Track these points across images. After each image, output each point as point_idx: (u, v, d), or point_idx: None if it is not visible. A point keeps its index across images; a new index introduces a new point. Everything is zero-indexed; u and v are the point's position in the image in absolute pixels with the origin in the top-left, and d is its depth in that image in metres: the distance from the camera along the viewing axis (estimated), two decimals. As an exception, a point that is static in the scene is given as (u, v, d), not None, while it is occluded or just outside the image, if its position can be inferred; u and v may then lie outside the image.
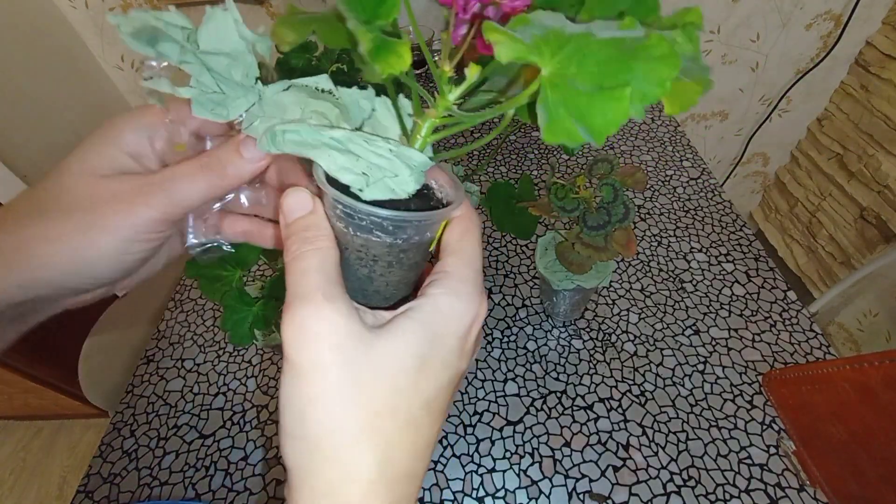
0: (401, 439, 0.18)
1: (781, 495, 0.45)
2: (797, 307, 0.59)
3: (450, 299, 0.20)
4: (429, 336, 0.19)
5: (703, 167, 0.79)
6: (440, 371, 0.19)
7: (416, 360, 0.18)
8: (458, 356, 0.20)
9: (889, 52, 1.10)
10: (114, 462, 0.51)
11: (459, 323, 0.20)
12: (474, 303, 0.20)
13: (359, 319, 0.18)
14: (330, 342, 0.17)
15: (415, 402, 0.18)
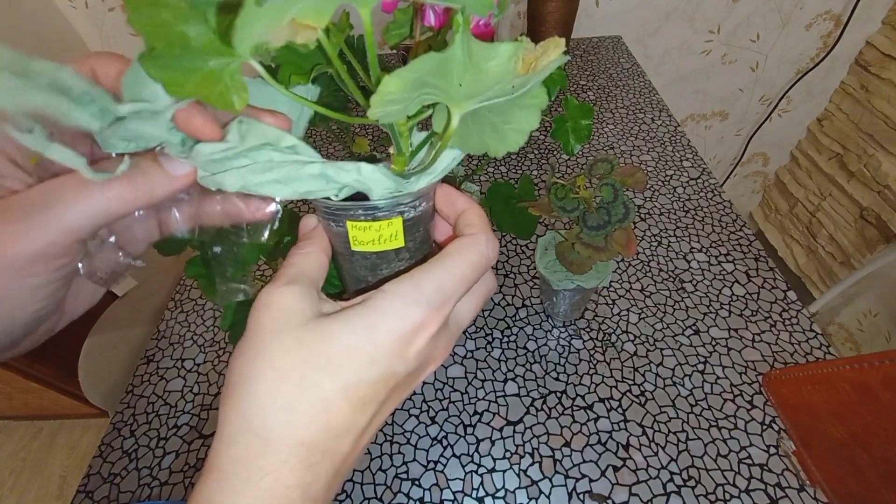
0: (306, 410, 0.19)
1: (781, 495, 0.45)
2: (797, 307, 0.59)
3: (393, 298, 0.20)
4: (362, 327, 0.19)
5: (703, 167, 0.79)
6: (365, 364, 0.19)
7: (341, 346, 0.19)
8: (391, 356, 0.20)
9: (889, 52, 1.10)
10: (114, 462, 0.51)
11: (398, 323, 0.20)
12: (419, 310, 0.20)
13: (310, 303, 0.20)
14: (273, 313, 0.20)
15: (328, 382, 0.19)
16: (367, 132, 0.94)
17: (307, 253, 0.23)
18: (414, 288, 0.20)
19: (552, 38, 0.18)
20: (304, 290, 0.21)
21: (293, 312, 0.20)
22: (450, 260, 0.21)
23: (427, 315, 0.20)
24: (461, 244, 0.22)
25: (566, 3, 0.91)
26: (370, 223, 0.22)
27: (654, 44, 1.18)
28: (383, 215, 0.22)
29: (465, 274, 0.21)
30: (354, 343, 0.19)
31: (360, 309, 0.20)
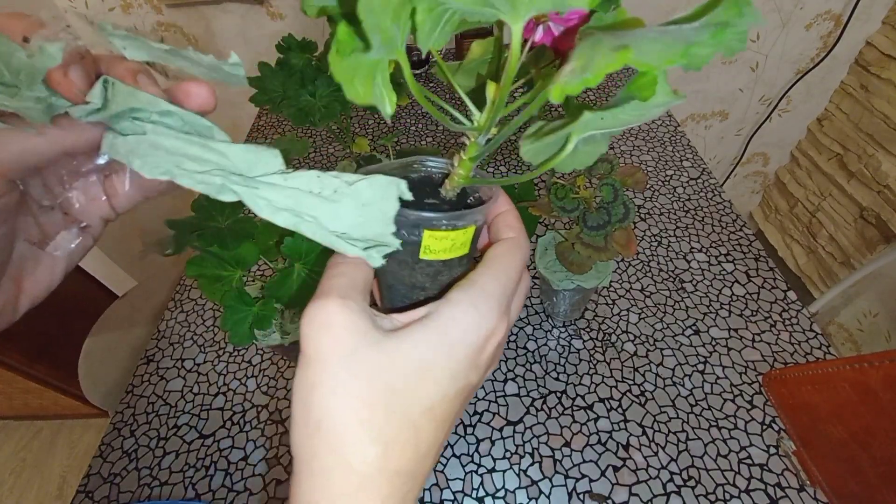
0: (398, 438, 0.18)
1: (781, 495, 0.45)
2: (797, 307, 0.59)
3: (467, 309, 0.19)
4: (438, 343, 0.19)
5: (703, 167, 0.79)
6: (447, 380, 0.19)
7: (420, 365, 0.18)
8: (468, 368, 0.19)
9: (889, 52, 1.10)
10: (114, 462, 0.51)
11: (474, 335, 0.19)
12: (492, 318, 0.20)
13: (370, 320, 0.19)
14: (335, 334, 0.18)
15: (414, 405, 0.18)
16: (366, 132, 0.94)
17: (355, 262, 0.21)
18: (484, 295, 0.20)
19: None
20: (361, 305, 0.19)
21: (359, 333, 0.18)
22: (504, 264, 0.21)
23: (497, 321, 0.20)
24: (509, 247, 0.22)
25: (566, 3, 0.91)
26: (449, 232, 0.22)
27: (654, 44, 1.18)
28: (463, 224, 0.22)
29: (517, 276, 0.22)
30: (435, 361, 0.19)
31: (434, 324, 0.19)
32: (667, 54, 0.14)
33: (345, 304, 0.19)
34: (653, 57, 0.14)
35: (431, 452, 0.19)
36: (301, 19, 1.11)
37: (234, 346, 0.61)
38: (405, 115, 0.97)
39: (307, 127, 0.95)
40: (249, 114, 1.30)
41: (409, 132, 0.93)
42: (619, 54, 0.14)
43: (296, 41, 0.58)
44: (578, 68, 0.15)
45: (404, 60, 0.17)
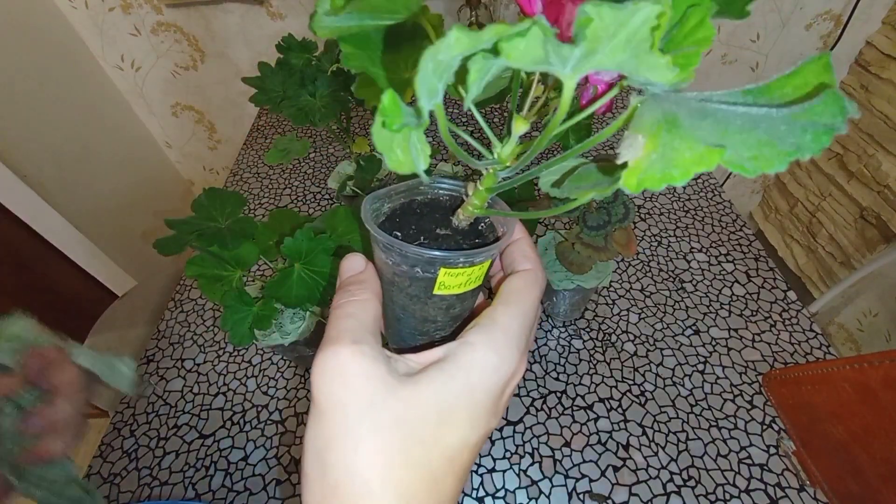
0: (418, 492, 0.17)
1: (781, 495, 0.45)
2: (797, 307, 0.59)
3: (488, 353, 0.18)
4: (459, 390, 0.18)
5: (703, 167, 0.79)
6: (467, 428, 0.18)
7: (441, 413, 0.17)
8: (488, 414, 0.19)
9: (889, 52, 1.10)
10: (114, 462, 0.51)
11: (494, 379, 0.18)
12: (513, 361, 0.19)
13: (386, 365, 0.18)
14: (351, 383, 0.17)
15: (436, 455, 0.17)
16: (366, 132, 0.94)
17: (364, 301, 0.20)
18: (504, 337, 0.19)
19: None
20: (375, 349, 0.18)
21: (375, 380, 0.17)
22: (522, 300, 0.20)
23: (518, 363, 0.19)
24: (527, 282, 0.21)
25: (566, 3, 0.91)
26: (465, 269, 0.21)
27: (654, 44, 1.18)
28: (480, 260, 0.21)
29: (536, 312, 0.21)
30: (455, 409, 0.18)
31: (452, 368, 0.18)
32: (767, 158, 0.12)
33: (358, 349, 0.18)
34: (749, 162, 0.12)
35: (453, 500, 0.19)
36: (301, 19, 1.11)
37: (234, 346, 0.61)
38: (405, 115, 0.97)
39: (307, 127, 0.96)
40: (249, 114, 1.30)
41: (409, 132, 0.93)
42: (712, 154, 0.12)
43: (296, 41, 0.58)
44: (655, 157, 0.14)
45: (441, 114, 0.16)
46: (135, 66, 1.19)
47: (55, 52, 1.06)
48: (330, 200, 0.80)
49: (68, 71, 1.10)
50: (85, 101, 1.14)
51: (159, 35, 1.13)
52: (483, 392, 0.18)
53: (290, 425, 0.53)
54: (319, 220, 0.42)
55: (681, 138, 0.13)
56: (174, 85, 1.24)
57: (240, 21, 1.11)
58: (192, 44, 1.15)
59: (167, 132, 1.36)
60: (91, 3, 1.06)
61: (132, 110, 1.29)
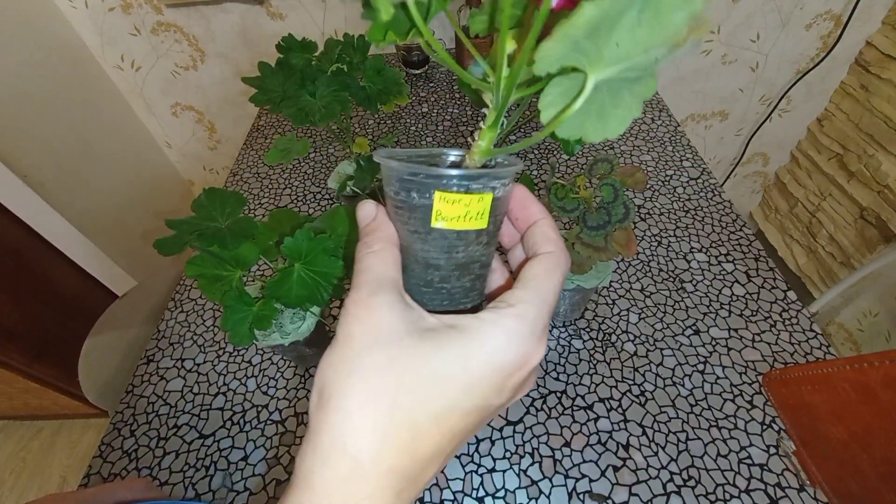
0: (397, 435, 0.18)
1: (781, 495, 0.45)
2: (797, 307, 0.59)
3: (495, 331, 0.19)
4: (456, 354, 0.19)
5: (703, 167, 0.79)
6: (459, 392, 0.19)
7: (435, 371, 0.18)
8: (491, 390, 0.19)
9: (889, 52, 1.10)
10: (114, 462, 0.51)
11: (499, 357, 0.19)
12: (527, 346, 0.19)
13: (401, 314, 0.19)
14: (363, 326, 0.19)
15: (419, 407, 0.18)
16: (366, 132, 0.94)
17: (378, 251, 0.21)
18: (517, 321, 0.19)
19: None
20: (392, 298, 0.20)
21: (385, 326, 0.19)
22: (543, 285, 0.21)
23: (533, 348, 0.20)
24: (549, 266, 0.21)
25: (566, 3, 0.91)
26: (461, 196, 0.20)
27: (654, 44, 1.18)
28: (477, 188, 0.21)
29: (556, 298, 0.21)
30: (448, 372, 0.18)
31: (459, 336, 0.19)
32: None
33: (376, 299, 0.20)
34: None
35: (434, 460, 0.19)
36: (301, 19, 1.11)
37: (234, 346, 0.61)
38: (405, 114, 0.97)
39: (307, 127, 0.95)
40: (250, 114, 1.30)
41: (409, 132, 0.93)
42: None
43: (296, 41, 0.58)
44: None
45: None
46: (135, 66, 1.19)
47: (55, 52, 1.06)
48: (330, 200, 0.80)
49: (68, 71, 1.10)
50: (85, 101, 1.14)
51: (159, 35, 1.13)
52: (482, 364, 0.19)
53: (290, 425, 0.53)
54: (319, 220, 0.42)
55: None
56: (174, 85, 1.24)
57: (240, 21, 1.11)
58: (192, 44, 1.15)
59: (167, 132, 1.36)
60: (91, 3, 1.06)
61: (132, 110, 1.29)
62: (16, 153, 0.96)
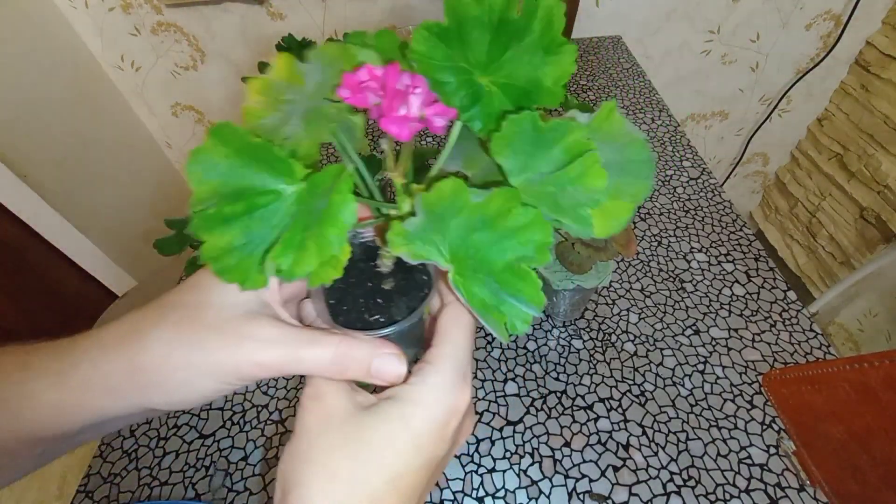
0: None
1: (781, 495, 0.45)
2: (797, 307, 0.59)
3: (426, 393, 0.21)
4: (397, 419, 0.21)
5: (703, 167, 0.79)
6: (410, 452, 0.20)
7: (383, 438, 0.20)
8: (433, 441, 0.21)
9: (889, 52, 1.10)
10: (114, 462, 0.51)
11: (433, 411, 0.21)
12: (453, 395, 0.21)
13: (347, 397, 0.21)
14: (314, 413, 0.21)
15: (375, 476, 0.19)
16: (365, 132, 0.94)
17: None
18: (439, 376, 0.22)
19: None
20: (338, 386, 0.22)
21: (335, 411, 0.21)
22: (453, 338, 0.23)
23: (456, 397, 0.22)
24: (453, 316, 0.23)
25: (566, 3, 0.91)
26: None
27: (654, 44, 1.18)
28: (409, 325, 0.24)
29: (469, 342, 0.23)
30: (396, 436, 0.20)
31: (396, 403, 0.21)
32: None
33: (324, 388, 0.21)
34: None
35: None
36: (301, 19, 1.11)
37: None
38: (405, 115, 0.97)
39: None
40: (249, 114, 1.30)
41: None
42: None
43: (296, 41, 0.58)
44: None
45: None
46: (135, 66, 1.19)
47: (55, 52, 1.06)
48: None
49: (68, 71, 1.10)
50: (85, 101, 1.14)
51: (159, 35, 1.13)
52: (422, 421, 0.21)
53: (290, 425, 0.53)
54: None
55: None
56: (174, 85, 1.24)
57: (240, 21, 1.11)
58: (192, 44, 1.15)
59: (167, 132, 1.36)
60: (91, 3, 1.06)
61: (132, 110, 1.29)
62: (16, 153, 0.95)
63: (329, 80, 0.21)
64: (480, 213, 0.19)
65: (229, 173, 0.19)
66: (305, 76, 0.21)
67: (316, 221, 0.18)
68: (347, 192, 0.18)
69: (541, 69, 0.21)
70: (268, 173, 0.19)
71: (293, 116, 0.21)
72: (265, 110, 0.21)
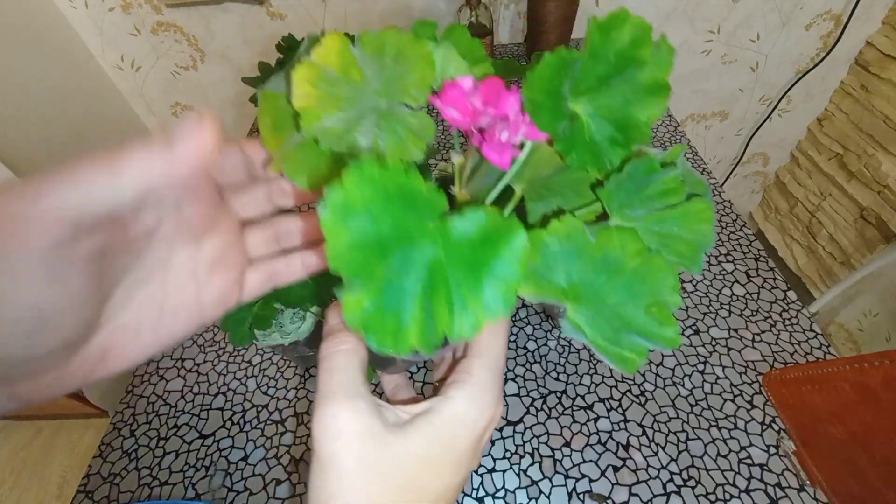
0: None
1: (781, 495, 0.45)
2: (797, 307, 0.59)
3: (467, 405, 0.20)
4: (443, 438, 0.20)
5: (703, 167, 0.79)
6: (451, 472, 0.20)
7: (427, 462, 0.19)
8: (469, 459, 0.21)
9: (889, 52, 1.10)
10: (114, 462, 0.51)
11: (474, 428, 0.20)
12: (490, 409, 0.21)
13: (378, 417, 0.19)
14: (348, 439, 0.19)
15: (422, 499, 0.19)
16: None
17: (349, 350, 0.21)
18: (480, 390, 0.21)
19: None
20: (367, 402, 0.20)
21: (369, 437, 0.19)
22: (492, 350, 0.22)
23: (494, 409, 0.21)
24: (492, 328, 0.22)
25: (566, 3, 0.91)
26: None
27: (654, 44, 1.18)
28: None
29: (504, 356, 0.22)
30: (439, 457, 0.19)
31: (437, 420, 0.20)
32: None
33: (354, 406, 0.19)
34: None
35: None
36: (301, 19, 1.11)
37: (234, 346, 0.61)
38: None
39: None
40: (250, 114, 1.30)
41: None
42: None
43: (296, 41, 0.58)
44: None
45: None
46: (135, 66, 1.19)
47: (55, 52, 1.06)
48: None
49: (68, 71, 1.10)
50: (85, 101, 1.14)
51: (159, 35, 1.13)
52: (464, 441, 0.20)
53: (290, 425, 0.53)
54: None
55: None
56: (174, 85, 1.24)
57: (240, 21, 1.11)
58: (192, 44, 1.15)
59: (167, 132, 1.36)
60: (91, 3, 1.06)
61: (132, 110, 1.29)
62: (15, 153, 0.96)
63: (402, 79, 0.18)
64: (602, 255, 0.18)
65: (371, 219, 0.15)
66: (363, 66, 0.18)
67: (474, 271, 0.16)
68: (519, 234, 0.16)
69: (637, 106, 0.20)
70: (412, 212, 0.16)
71: (362, 120, 0.18)
72: (322, 107, 0.18)
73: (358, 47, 0.18)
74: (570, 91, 0.20)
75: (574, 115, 0.20)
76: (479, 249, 0.16)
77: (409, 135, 0.18)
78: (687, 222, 0.19)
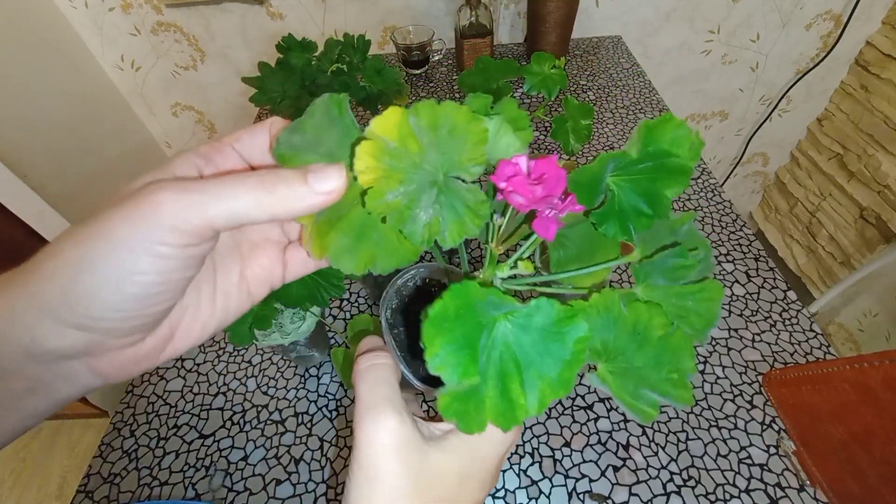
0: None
1: (781, 495, 0.45)
2: (797, 307, 0.59)
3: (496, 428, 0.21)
4: (474, 457, 0.21)
5: (703, 167, 0.79)
6: (479, 487, 0.22)
7: (462, 477, 0.21)
8: (493, 477, 0.22)
9: (889, 52, 1.10)
10: (114, 462, 0.51)
11: (501, 448, 0.22)
12: (514, 432, 0.22)
13: (418, 430, 0.21)
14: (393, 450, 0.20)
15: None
16: (367, 132, 0.94)
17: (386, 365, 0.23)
18: None
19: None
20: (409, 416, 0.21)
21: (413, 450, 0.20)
22: None
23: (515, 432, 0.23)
24: None
25: (566, 3, 0.91)
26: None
27: (654, 44, 1.18)
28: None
29: None
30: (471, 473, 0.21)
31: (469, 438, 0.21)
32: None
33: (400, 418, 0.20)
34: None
35: None
36: (301, 19, 1.11)
37: (234, 346, 0.61)
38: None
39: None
40: (249, 114, 1.30)
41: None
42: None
43: (296, 41, 0.58)
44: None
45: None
46: (135, 66, 1.19)
47: (55, 52, 1.06)
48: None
49: (68, 71, 1.10)
50: (85, 101, 1.14)
51: (159, 35, 1.13)
52: (493, 459, 0.22)
53: (290, 425, 0.53)
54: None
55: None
56: (174, 85, 1.24)
57: (240, 21, 1.11)
58: (192, 44, 1.15)
59: (167, 132, 1.36)
60: (91, 3, 1.06)
61: (132, 110, 1.29)
62: (16, 153, 0.95)
63: (457, 153, 0.19)
64: (633, 325, 0.21)
65: (459, 322, 0.18)
66: (419, 137, 0.19)
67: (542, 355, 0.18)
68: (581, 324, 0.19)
69: (664, 183, 0.23)
70: (489, 307, 0.19)
71: (422, 195, 0.19)
72: (385, 183, 0.18)
73: (413, 117, 0.19)
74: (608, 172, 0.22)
75: (609, 189, 0.22)
76: (547, 337, 0.18)
77: (468, 211, 0.19)
78: (702, 300, 0.22)
